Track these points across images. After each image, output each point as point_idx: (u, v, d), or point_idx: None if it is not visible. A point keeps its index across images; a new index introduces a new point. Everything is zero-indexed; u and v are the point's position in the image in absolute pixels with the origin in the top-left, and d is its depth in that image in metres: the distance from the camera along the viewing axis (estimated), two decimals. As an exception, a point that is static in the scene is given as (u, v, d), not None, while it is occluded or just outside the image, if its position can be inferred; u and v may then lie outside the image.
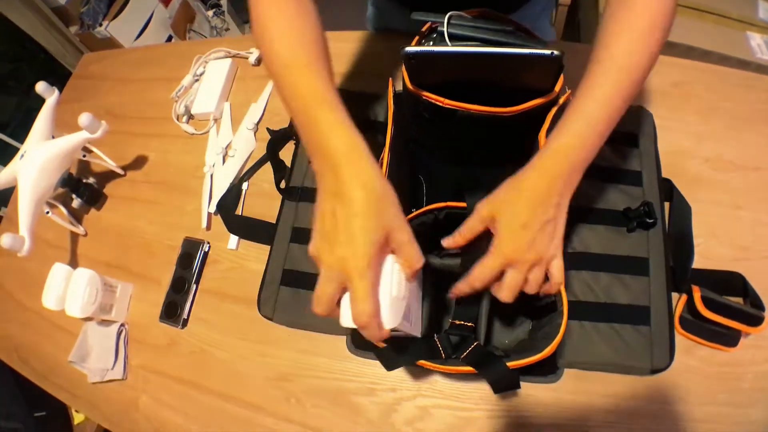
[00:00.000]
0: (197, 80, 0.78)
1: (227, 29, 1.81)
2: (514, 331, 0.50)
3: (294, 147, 0.65)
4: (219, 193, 0.65)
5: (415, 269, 0.36)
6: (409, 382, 0.51)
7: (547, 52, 0.40)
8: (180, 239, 0.65)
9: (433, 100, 0.47)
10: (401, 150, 0.53)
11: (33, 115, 0.67)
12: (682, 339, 0.48)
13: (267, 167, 0.66)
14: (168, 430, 0.56)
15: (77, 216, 0.73)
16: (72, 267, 0.59)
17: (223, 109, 0.73)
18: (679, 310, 0.48)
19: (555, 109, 0.48)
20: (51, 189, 0.63)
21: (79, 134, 0.63)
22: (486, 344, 0.43)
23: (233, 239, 0.63)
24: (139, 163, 0.75)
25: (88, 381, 0.60)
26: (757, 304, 0.47)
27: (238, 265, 0.62)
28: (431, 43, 0.50)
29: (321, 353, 0.54)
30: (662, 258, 0.49)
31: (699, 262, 0.51)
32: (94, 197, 0.71)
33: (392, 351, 0.39)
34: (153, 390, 0.58)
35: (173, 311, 0.60)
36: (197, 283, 0.62)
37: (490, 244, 0.38)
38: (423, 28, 0.52)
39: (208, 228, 0.65)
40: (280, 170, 0.64)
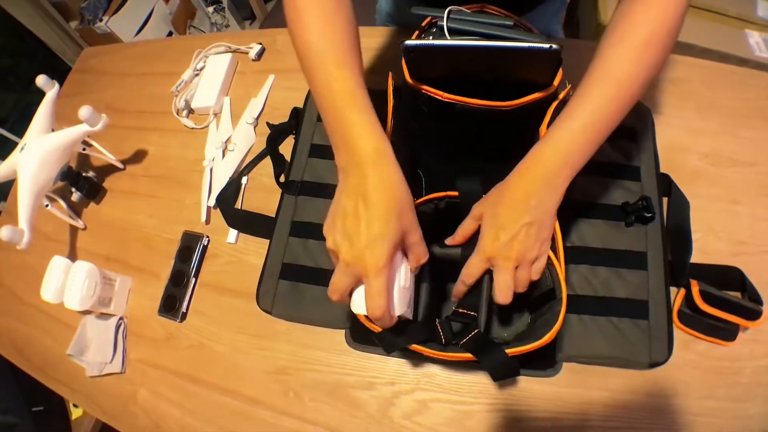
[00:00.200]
0: (197, 75, 0.78)
1: (227, 26, 1.81)
2: (513, 325, 0.50)
3: (293, 141, 0.65)
4: (218, 187, 0.65)
5: (420, 264, 0.40)
6: (407, 376, 0.51)
7: (546, 45, 0.40)
8: (179, 233, 0.65)
9: (432, 94, 0.47)
10: (401, 144, 0.53)
11: (32, 110, 0.67)
12: (681, 333, 0.48)
13: (266, 161, 0.67)
14: (166, 423, 0.55)
15: (76, 209, 0.73)
16: (71, 260, 0.59)
17: (223, 103, 0.73)
18: (677, 304, 0.49)
19: (555, 104, 0.48)
20: (51, 182, 0.63)
21: (79, 127, 0.63)
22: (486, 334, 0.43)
23: (232, 233, 0.63)
24: (139, 156, 0.75)
25: (86, 374, 0.60)
26: (755, 299, 0.47)
27: (237, 258, 0.62)
28: (431, 37, 0.50)
29: (319, 347, 0.54)
30: (660, 252, 0.50)
31: (697, 257, 0.51)
32: (93, 191, 0.71)
33: (391, 334, 0.40)
34: (151, 383, 0.58)
35: (172, 305, 0.60)
36: (196, 276, 0.62)
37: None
38: (423, 23, 0.52)
39: (208, 222, 0.65)
40: (280, 164, 0.64)
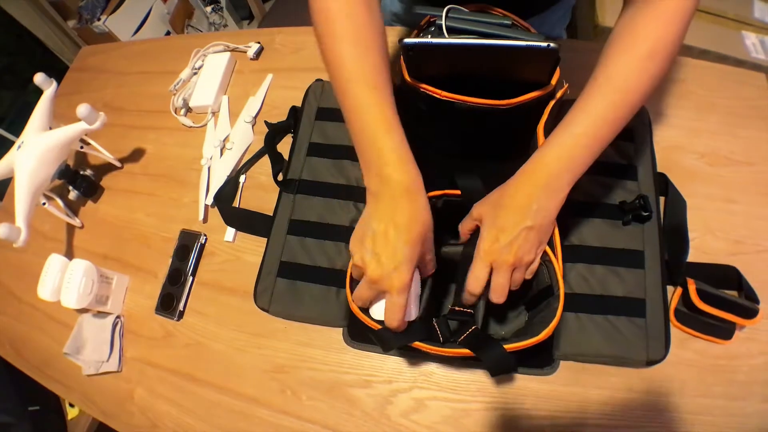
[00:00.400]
0: (195, 73, 0.78)
1: (225, 25, 1.80)
2: (511, 323, 0.50)
3: (292, 140, 0.65)
4: (216, 185, 0.65)
5: (429, 274, 0.44)
6: (405, 374, 0.51)
7: (543, 44, 0.41)
8: (177, 231, 0.64)
9: (430, 92, 0.47)
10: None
11: (30, 108, 0.67)
12: (677, 332, 0.48)
13: (264, 160, 0.66)
14: (163, 422, 0.55)
15: (74, 208, 0.72)
16: (68, 258, 0.59)
17: (221, 102, 0.73)
18: (674, 302, 0.49)
19: (553, 103, 0.48)
20: (48, 180, 0.63)
21: (77, 125, 0.63)
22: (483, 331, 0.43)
23: (230, 231, 0.63)
24: (137, 155, 0.74)
25: (82, 373, 0.59)
26: (751, 297, 0.48)
27: (235, 257, 0.62)
28: (429, 36, 0.50)
29: (317, 345, 0.54)
30: (657, 251, 0.50)
31: (694, 256, 0.51)
32: (90, 189, 0.71)
33: (389, 333, 0.40)
34: (148, 382, 0.58)
35: (169, 303, 0.60)
36: (194, 275, 0.61)
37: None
38: (422, 22, 0.52)
39: (205, 220, 0.65)
40: (278, 163, 0.64)
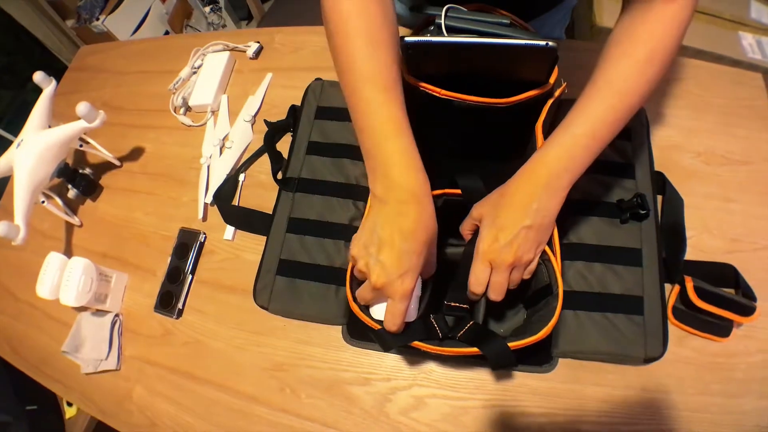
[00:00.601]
0: (195, 73, 0.78)
1: (224, 26, 1.80)
2: (510, 321, 0.50)
3: (291, 139, 0.65)
4: (216, 184, 0.65)
5: (430, 276, 0.44)
6: (404, 372, 0.51)
7: (542, 42, 0.41)
8: (176, 230, 0.64)
9: (430, 91, 0.47)
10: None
11: (28, 108, 0.67)
12: (675, 329, 0.49)
13: (264, 159, 0.67)
14: (162, 420, 0.55)
15: (73, 206, 0.72)
16: (67, 257, 0.59)
17: (220, 101, 0.73)
18: (671, 300, 0.49)
19: (551, 101, 0.49)
20: (47, 178, 0.63)
21: (76, 123, 0.63)
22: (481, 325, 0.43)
23: (229, 230, 0.63)
24: (136, 154, 0.74)
25: (81, 372, 0.59)
26: (748, 295, 0.48)
27: (234, 255, 0.62)
28: (429, 34, 0.51)
29: (316, 343, 0.54)
30: (655, 249, 0.50)
31: (691, 254, 0.52)
32: (90, 188, 0.71)
33: (389, 333, 0.40)
34: (147, 381, 0.58)
35: (168, 301, 0.60)
36: (193, 273, 0.61)
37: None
38: (421, 21, 0.53)
39: (205, 219, 0.65)
40: (278, 161, 0.64)
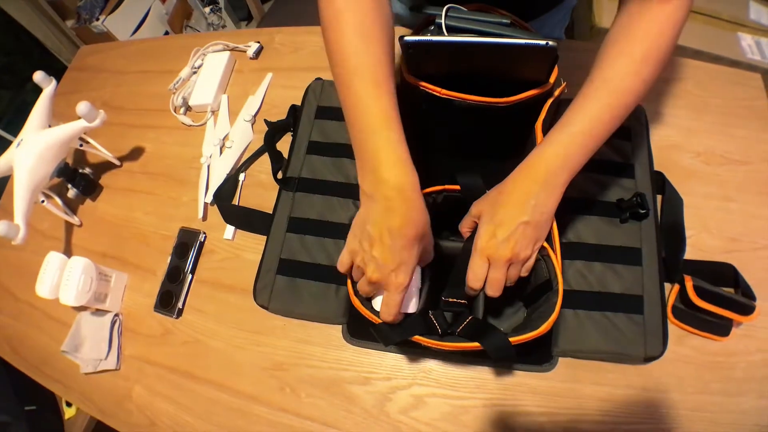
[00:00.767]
0: (195, 72, 0.78)
1: (224, 26, 1.80)
2: (510, 318, 0.50)
3: (291, 138, 0.65)
4: (216, 183, 0.65)
5: (428, 262, 0.44)
6: (404, 371, 0.51)
7: (542, 42, 0.41)
8: (176, 230, 0.64)
9: (430, 90, 0.47)
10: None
11: (27, 108, 0.67)
12: (675, 328, 0.49)
13: (264, 158, 0.67)
14: (161, 420, 0.55)
15: (72, 206, 0.72)
16: (66, 256, 0.59)
17: (220, 101, 0.73)
18: (671, 299, 0.49)
19: (551, 101, 0.49)
20: (47, 177, 0.63)
21: (76, 123, 0.63)
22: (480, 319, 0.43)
23: (229, 229, 0.63)
24: (136, 154, 0.74)
25: (81, 372, 0.59)
26: (748, 294, 0.48)
27: (234, 255, 0.62)
28: (429, 34, 0.51)
29: (316, 342, 0.54)
30: (654, 248, 0.50)
31: (691, 254, 0.52)
32: (89, 187, 0.71)
33: (389, 328, 0.40)
34: (147, 380, 0.58)
35: (168, 301, 0.60)
36: (193, 273, 0.61)
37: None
38: (421, 21, 0.53)
39: (205, 218, 0.65)
40: (278, 161, 0.64)
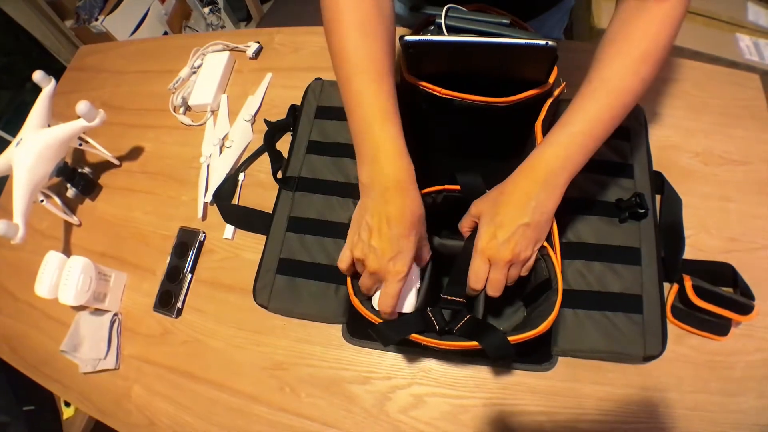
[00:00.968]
0: (195, 72, 0.78)
1: (223, 26, 1.81)
2: (509, 318, 0.50)
3: (291, 138, 0.65)
4: (215, 183, 0.65)
5: (425, 264, 0.45)
6: (404, 371, 0.51)
7: (542, 42, 0.41)
8: (175, 229, 0.64)
9: (430, 90, 0.47)
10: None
11: (26, 108, 0.67)
12: (674, 328, 0.49)
13: (264, 158, 0.67)
14: (161, 420, 0.55)
15: (72, 206, 0.72)
16: (66, 256, 0.59)
17: (220, 100, 0.73)
18: (670, 299, 0.49)
19: (550, 101, 0.49)
20: (46, 177, 0.63)
21: (76, 122, 0.63)
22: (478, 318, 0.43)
23: (229, 229, 0.63)
24: (135, 153, 0.74)
25: (79, 371, 0.59)
26: (747, 294, 0.48)
27: (234, 254, 0.62)
28: (429, 34, 0.51)
29: (316, 342, 0.54)
30: (654, 248, 0.50)
31: (690, 253, 0.52)
32: (89, 187, 0.71)
33: (388, 327, 0.40)
34: (146, 380, 0.58)
35: (167, 300, 0.60)
36: (192, 272, 0.61)
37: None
38: (421, 21, 0.53)
39: (204, 218, 0.65)
40: (278, 161, 0.64)
